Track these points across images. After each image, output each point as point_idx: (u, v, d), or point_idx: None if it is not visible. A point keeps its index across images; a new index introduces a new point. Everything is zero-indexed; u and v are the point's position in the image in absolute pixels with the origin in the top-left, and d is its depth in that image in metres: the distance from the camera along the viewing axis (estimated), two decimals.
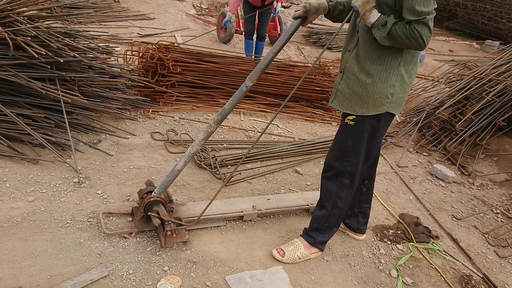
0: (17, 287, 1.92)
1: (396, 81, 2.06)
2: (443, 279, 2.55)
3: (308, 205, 2.89)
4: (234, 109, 4.48)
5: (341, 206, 2.37)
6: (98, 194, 2.72)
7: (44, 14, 3.50)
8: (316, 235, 2.45)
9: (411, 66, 2.09)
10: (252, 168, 3.43)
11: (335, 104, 2.25)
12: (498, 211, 3.47)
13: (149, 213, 2.34)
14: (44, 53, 3.03)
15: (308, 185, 3.34)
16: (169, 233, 2.30)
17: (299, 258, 2.43)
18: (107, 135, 3.47)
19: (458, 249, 2.89)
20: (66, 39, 3.37)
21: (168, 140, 3.60)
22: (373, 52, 2.06)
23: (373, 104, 2.10)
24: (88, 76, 3.56)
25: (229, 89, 4.58)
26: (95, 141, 3.35)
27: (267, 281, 2.23)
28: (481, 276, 2.65)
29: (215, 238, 2.51)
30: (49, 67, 3.18)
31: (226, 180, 3.11)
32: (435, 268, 2.63)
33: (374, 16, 1.95)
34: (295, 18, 2.17)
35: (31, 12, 3.39)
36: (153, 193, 2.39)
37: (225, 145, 3.74)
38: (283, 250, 2.45)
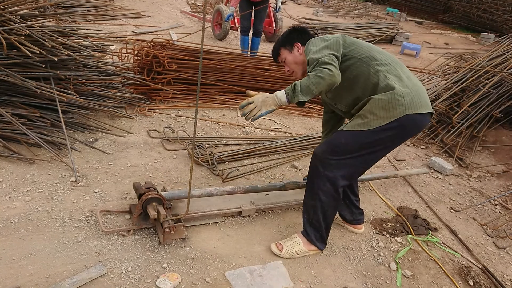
0: (16, 287, 1.91)
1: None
2: (442, 271, 2.55)
3: None
4: (230, 106, 4.49)
5: (324, 199, 2.32)
6: (96, 192, 2.71)
7: (37, 13, 3.48)
8: (310, 230, 2.43)
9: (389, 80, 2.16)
10: (250, 164, 3.43)
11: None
12: (496, 202, 3.47)
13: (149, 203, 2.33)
14: (38, 52, 3.01)
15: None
16: (167, 230, 2.29)
17: (297, 254, 2.43)
18: (104, 134, 3.46)
19: (457, 240, 2.90)
20: (60, 37, 3.35)
21: (165, 137, 3.59)
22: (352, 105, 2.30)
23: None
24: (83, 74, 3.53)
25: (225, 85, 4.57)
26: (91, 140, 3.34)
27: (267, 276, 2.23)
28: (480, 267, 2.65)
29: (214, 234, 2.50)
30: (44, 66, 3.16)
31: (224, 177, 3.11)
32: (434, 260, 2.64)
33: (282, 95, 2.08)
34: None
35: (24, 11, 3.36)
36: (160, 193, 2.39)
37: (222, 141, 3.73)
38: (281, 245, 2.45)
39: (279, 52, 2.46)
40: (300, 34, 2.44)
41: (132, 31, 7.03)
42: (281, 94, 2.09)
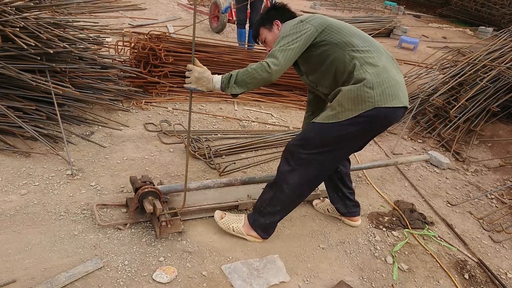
0: (12, 280, 1.90)
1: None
2: (438, 265, 2.56)
3: None
4: (227, 99, 4.47)
5: (287, 192, 2.27)
6: (92, 186, 2.70)
7: (32, 4, 3.44)
8: (257, 217, 2.39)
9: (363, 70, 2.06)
10: (247, 158, 3.42)
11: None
12: (493, 196, 3.48)
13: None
14: (34, 44, 2.98)
15: None
16: (164, 223, 2.28)
17: (233, 231, 2.42)
18: (100, 127, 3.44)
19: (453, 234, 2.91)
20: (55, 30, 3.32)
21: (161, 131, 3.57)
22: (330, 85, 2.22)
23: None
24: (79, 67, 3.51)
25: None
26: (87, 133, 3.32)
27: (263, 270, 2.23)
28: (476, 261, 2.67)
29: (211, 228, 2.49)
30: (39, 58, 3.13)
31: (221, 170, 3.10)
32: (430, 254, 2.65)
33: (217, 82, 2.08)
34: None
35: (19, 2, 3.33)
36: (156, 187, 2.39)
37: (219, 135, 3.72)
38: (226, 214, 2.48)
39: (258, 31, 2.38)
40: (279, 12, 2.36)
41: (129, 24, 6.98)
42: (216, 80, 2.08)
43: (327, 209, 2.80)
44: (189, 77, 2.09)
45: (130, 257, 2.16)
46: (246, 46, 5.85)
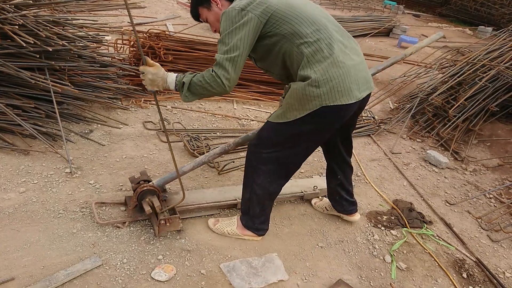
0: (10, 278, 1.90)
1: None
2: (436, 264, 2.57)
3: (302, 192, 2.88)
4: (226, 98, 4.47)
5: (259, 193, 2.25)
6: (91, 184, 2.70)
7: (31, 2, 3.43)
8: (246, 219, 2.40)
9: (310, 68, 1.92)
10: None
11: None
12: (491, 196, 3.49)
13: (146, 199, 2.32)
14: (33, 42, 2.98)
15: (301, 172, 3.33)
16: (162, 222, 2.28)
17: (228, 234, 2.43)
18: (99, 125, 3.44)
19: (452, 234, 2.91)
20: (54, 27, 3.32)
21: (160, 129, 3.57)
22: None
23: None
24: (78, 65, 3.50)
25: None
26: (86, 131, 3.32)
27: (262, 268, 2.24)
28: (474, 260, 2.67)
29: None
30: (38, 56, 3.12)
31: (220, 169, 3.10)
32: (428, 253, 2.65)
33: (171, 83, 2.00)
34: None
35: (18, 0, 3.32)
36: (150, 183, 2.38)
37: (218, 133, 3.72)
38: (218, 221, 2.47)
39: (197, 11, 2.22)
40: None
41: (128, 22, 6.96)
42: (170, 81, 2.00)
43: (325, 207, 2.80)
44: (144, 80, 2.02)
45: (129, 255, 2.16)
46: None
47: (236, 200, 2.66)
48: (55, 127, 3.16)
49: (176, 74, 2.03)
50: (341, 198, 2.62)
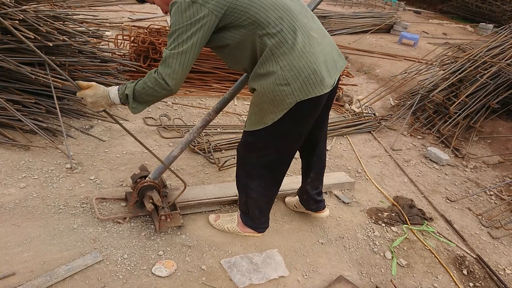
0: (11, 273, 1.90)
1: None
2: (437, 260, 2.57)
3: None
4: None
5: (255, 196, 2.22)
6: (91, 179, 2.69)
7: None
8: (246, 218, 2.39)
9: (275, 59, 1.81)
10: None
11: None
12: (492, 193, 3.49)
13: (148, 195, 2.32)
14: (33, 37, 2.97)
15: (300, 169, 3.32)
16: (163, 217, 2.28)
17: (228, 230, 2.42)
18: (99, 121, 3.43)
19: (452, 230, 2.91)
20: (55, 23, 3.31)
21: (161, 125, 3.57)
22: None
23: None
24: (79, 60, 3.50)
25: (222, 73, 4.54)
26: (87, 127, 3.31)
27: (262, 264, 2.24)
28: (474, 257, 2.67)
29: None
30: (38, 51, 3.11)
31: (220, 165, 3.10)
32: (429, 249, 2.65)
33: (115, 98, 1.89)
34: None
35: None
36: (147, 178, 2.37)
37: (218, 129, 3.71)
38: (219, 217, 2.47)
39: None
40: None
41: (128, 18, 6.95)
42: (113, 96, 1.89)
43: (294, 205, 2.74)
44: (86, 105, 1.93)
45: (130, 251, 2.16)
46: None
47: (236, 196, 2.66)
48: (55, 123, 3.16)
49: (118, 86, 1.92)
50: (309, 197, 2.53)
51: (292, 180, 2.94)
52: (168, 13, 1.91)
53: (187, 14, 1.73)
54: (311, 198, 2.53)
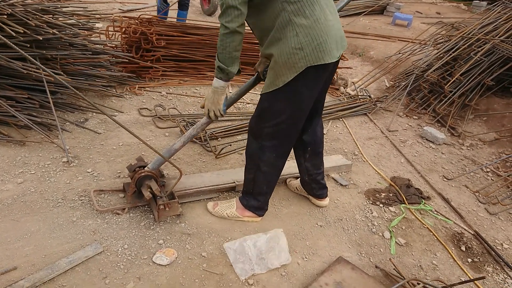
0: (13, 268, 1.91)
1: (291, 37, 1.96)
2: (435, 238, 2.59)
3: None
4: None
5: (266, 170, 2.29)
6: (88, 172, 2.70)
7: None
8: (249, 198, 2.42)
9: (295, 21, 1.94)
10: (243, 140, 3.41)
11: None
12: (488, 169, 3.51)
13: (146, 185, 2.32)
14: (22, 32, 2.94)
15: None
16: (162, 207, 2.29)
17: (228, 216, 2.44)
18: (94, 113, 3.42)
19: (450, 208, 2.93)
20: (44, 16, 3.27)
21: (156, 115, 3.56)
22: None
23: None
24: (70, 53, 3.47)
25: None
26: (81, 120, 3.30)
27: (266, 249, 2.21)
28: (472, 233, 2.70)
29: None
30: (29, 45, 3.09)
31: (217, 153, 3.10)
32: (427, 228, 2.67)
33: (217, 82, 2.11)
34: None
35: None
36: (145, 168, 2.37)
37: None
38: (217, 204, 2.49)
39: None
40: None
41: (119, 9, 6.88)
42: (216, 82, 2.10)
43: (296, 187, 2.77)
44: (208, 109, 2.20)
45: (130, 241, 2.17)
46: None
47: (234, 183, 2.67)
48: (50, 117, 3.15)
49: None
50: (311, 179, 2.57)
51: (290, 165, 2.95)
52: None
53: None
54: (314, 181, 2.57)
